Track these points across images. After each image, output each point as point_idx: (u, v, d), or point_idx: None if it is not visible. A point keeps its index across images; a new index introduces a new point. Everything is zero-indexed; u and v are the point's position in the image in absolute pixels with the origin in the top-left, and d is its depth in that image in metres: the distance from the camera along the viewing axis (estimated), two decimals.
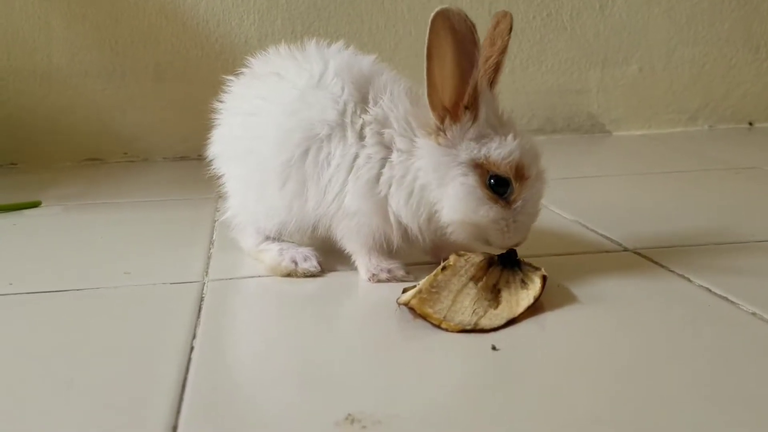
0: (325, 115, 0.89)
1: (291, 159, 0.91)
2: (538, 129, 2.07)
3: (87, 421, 0.60)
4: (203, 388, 0.65)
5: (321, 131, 0.89)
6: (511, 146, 0.83)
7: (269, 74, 0.96)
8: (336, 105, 0.90)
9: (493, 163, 0.83)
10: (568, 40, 2.05)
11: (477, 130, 0.84)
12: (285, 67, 0.95)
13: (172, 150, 1.93)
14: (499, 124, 0.85)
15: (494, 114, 0.86)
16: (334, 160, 0.89)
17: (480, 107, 0.84)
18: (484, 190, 0.83)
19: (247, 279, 0.96)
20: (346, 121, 0.89)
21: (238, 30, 1.91)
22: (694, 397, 0.61)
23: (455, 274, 0.82)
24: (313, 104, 0.90)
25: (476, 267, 0.83)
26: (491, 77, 0.87)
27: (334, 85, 0.91)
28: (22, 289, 0.94)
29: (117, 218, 1.34)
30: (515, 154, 0.83)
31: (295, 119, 0.91)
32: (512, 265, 0.85)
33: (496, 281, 0.83)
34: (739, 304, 0.81)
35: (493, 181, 0.83)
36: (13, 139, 1.90)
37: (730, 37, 2.11)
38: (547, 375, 0.67)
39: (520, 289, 0.82)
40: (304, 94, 0.91)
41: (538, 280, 0.82)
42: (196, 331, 0.78)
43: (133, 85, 1.91)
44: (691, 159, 1.76)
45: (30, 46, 1.87)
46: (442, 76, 0.83)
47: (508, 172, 0.83)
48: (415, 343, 0.75)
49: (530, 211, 0.86)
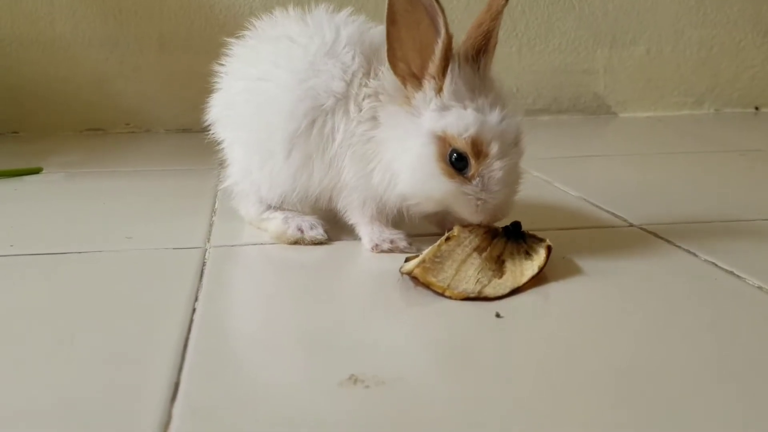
0: (333, 84, 0.88)
1: (298, 129, 0.89)
2: (543, 109, 2.06)
3: (89, 376, 0.60)
4: (205, 347, 0.65)
5: (326, 102, 0.88)
6: (467, 120, 0.80)
7: (280, 37, 0.94)
8: (345, 75, 0.88)
9: (451, 137, 0.80)
10: (576, 19, 2.03)
11: (441, 101, 0.82)
12: (296, 31, 0.93)
13: (174, 121, 1.92)
14: (470, 98, 0.81)
15: (467, 86, 0.82)
16: (338, 135, 0.88)
17: (446, 77, 0.81)
18: (439, 163, 0.81)
19: (250, 246, 0.96)
20: (350, 93, 0.88)
21: (242, 0, 1.89)
22: (700, 368, 0.61)
23: (459, 244, 0.81)
24: (322, 72, 0.89)
25: (480, 238, 0.82)
26: (480, 45, 0.83)
27: (345, 53, 0.89)
28: (23, 251, 0.93)
29: (118, 186, 1.33)
30: (471, 130, 0.79)
31: (304, 87, 0.89)
32: (516, 237, 0.84)
33: (500, 252, 0.82)
34: (745, 278, 0.80)
35: (455, 156, 0.81)
36: (15, 107, 1.88)
37: (739, 20, 2.09)
38: (551, 342, 0.67)
39: (525, 260, 0.82)
40: (314, 61, 0.89)
41: (543, 250, 0.82)
42: (198, 294, 0.78)
43: (136, 56, 1.89)
44: (697, 141, 1.75)
45: (33, 14, 1.85)
46: (401, 40, 0.81)
47: (465, 147, 0.80)
48: (418, 309, 0.74)
49: (493, 188, 0.81)
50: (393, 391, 0.56)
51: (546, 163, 1.44)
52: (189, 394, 0.57)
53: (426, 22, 0.80)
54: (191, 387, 0.58)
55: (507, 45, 2.00)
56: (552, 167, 1.41)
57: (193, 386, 0.58)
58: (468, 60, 0.83)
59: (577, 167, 1.46)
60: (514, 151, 0.83)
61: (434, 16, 0.79)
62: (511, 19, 1.99)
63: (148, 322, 0.71)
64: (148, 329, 0.69)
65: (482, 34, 0.83)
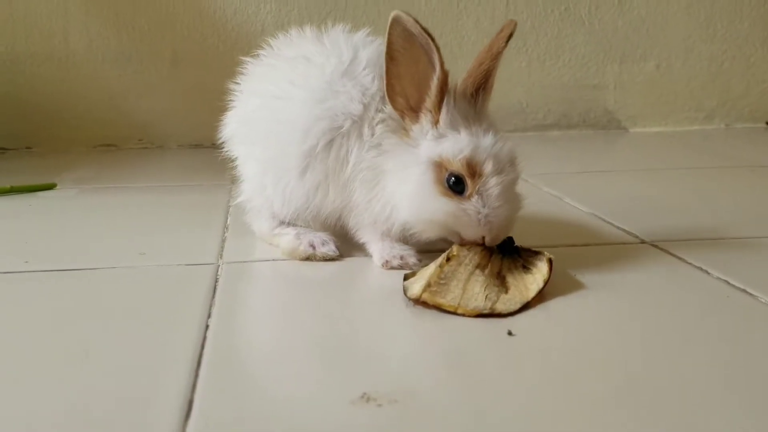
0: (351, 107, 0.89)
1: (315, 148, 0.90)
2: (553, 124, 2.07)
3: (103, 393, 0.60)
4: (219, 366, 0.65)
5: (344, 124, 0.89)
6: (462, 143, 0.83)
7: (297, 57, 0.95)
8: (363, 98, 0.89)
9: (447, 160, 0.83)
10: (586, 34, 2.04)
11: (437, 131, 0.84)
12: (312, 51, 0.94)
13: (187, 137, 1.94)
14: (464, 126, 0.84)
15: (462, 116, 0.84)
16: (352, 158, 0.89)
17: (442, 111, 0.84)
18: (438, 186, 0.83)
19: (262, 262, 0.96)
20: (367, 116, 0.89)
21: (254, 18, 1.91)
22: (713, 387, 0.61)
23: (460, 263, 0.82)
24: (341, 93, 0.89)
25: (480, 255, 0.83)
26: (480, 83, 0.86)
27: (364, 75, 0.90)
28: (37, 267, 0.94)
29: (131, 201, 1.34)
30: (466, 151, 0.82)
31: (323, 107, 0.90)
32: (511, 252, 0.85)
33: (499, 269, 0.83)
34: (757, 296, 0.80)
35: (453, 180, 0.83)
36: (29, 123, 1.90)
37: (750, 36, 2.10)
38: (563, 360, 0.67)
39: (524, 274, 0.82)
40: (332, 82, 0.90)
41: (543, 264, 0.82)
42: (211, 311, 0.78)
43: (149, 72, 1.92)
44: (708, 156, 1.75)
45: (47, 31, 1.88)
46: (400, 75, 0.84)
47: (461, 169, 0.82)
48: (430, 325, 0.74)
49: (493, 204, 0.82)
50: (405, 410, 0.56)
51: (556, 179, 1.45)
52: (203, 411, 0.57)
53: (424, 59, 0.82)
54: (205, 404, 0.58)
55: (517, 60, 2.01)
56: (562, 183, 1.41)
57: (207, 403, 0.58)
58: (466, 96, 0.86)
59: (588, 182, 1.46)
60: (509, 169, 0.84)
61: (430, 54, 0.82)
62: (521, 35, 2.00)
63: (162, 339, 0.71)
64: (162, 346, 0.70)
65: (482, 72, 0.86)
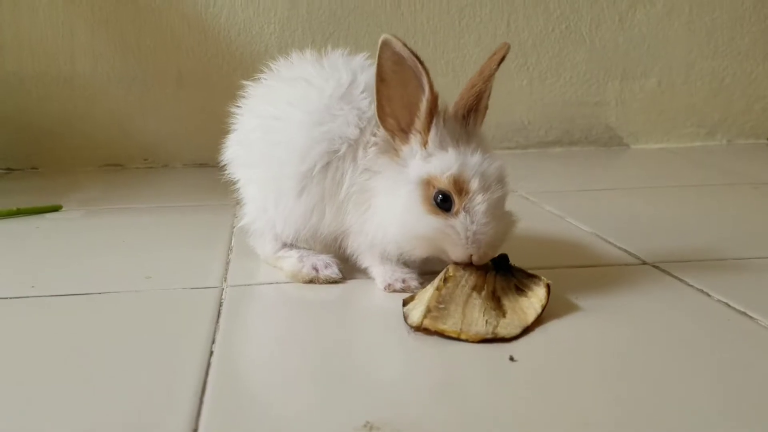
0: (348, 131, 0.90)
1: (312, 170, 0.91)
2: (555, 141, 2.07)
3: (107, 419, 0.61)
4: (223, 392, 0.66)
5: (341, 148, 0.90)
6: (449, 161, 0.84)
7: (297, 78, 0.96)
8: (359, 122, 0.91)
9: (434, 178, 0.84)
10: (587, 52, 2.05)
11: (426, 152, 0.86)
12: (312, 73, 0.95)
13: (192, 157, 1.95)
14: (453, 145, 0.85)
15: (451, 137, 0.86)
16: (346, 181, 0.91)
17: (431, 131, 0.85)
18: (425, 205, 0.84)
19: (266, 285, 0.97)
20: (362, 140, 0.90)
21: (258, 39, 1.93)
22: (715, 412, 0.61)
23: (457, 285, 0.83)
24: (338, 116, 0.91)
25: (476, 275, 0.84)
26: (471, 105, 0.87)
27: (362, 99, 0.92)
28: (43, 292, 0.95)
29: (137, 223, 1.35)
30: (453, 168, 0.83)
31: (321, 130, 0.91)
32: (504, 270, 0.86)
33: (493, 288, 0.84)
34: (758, 319, 0.81)
35: (440, 197, 0.84)
36: (34, 143, 1.92)
37: (750, 52, 2.11)
38: (566, 386, 0.67)
39: (518, 296, 0.83)
40: (330, 105, 0.91)
41: (540, 289, 0.83)
42: (216, 336, 0.79)
43: (154, 92, 1.93)
44: (709, 173, 1.75)
45: (53, 52, 1.90)
46: (390, 97, 0.85)
47: (448, 186, 0.83)
48: (433, 351, 0.75)
49: (480, 221, 0.83)
50: None
51: (558, 197, 1.45)
52: None
53: (414, 82, 0.84)
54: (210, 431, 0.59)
55: (518, 78, 2.02)
56: (564, 201, 1.42)
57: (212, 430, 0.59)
58: (457, 117, 0.87)
59: (589, 200, 1.46)
60: (496, 186, 0.85)
61: (419, 76, 0.83)
62: (523, 53, 2.01)
63: (167, 367, 0.72)
64: (168, 372, 0.70)
65: (474, 94, 0.87)
